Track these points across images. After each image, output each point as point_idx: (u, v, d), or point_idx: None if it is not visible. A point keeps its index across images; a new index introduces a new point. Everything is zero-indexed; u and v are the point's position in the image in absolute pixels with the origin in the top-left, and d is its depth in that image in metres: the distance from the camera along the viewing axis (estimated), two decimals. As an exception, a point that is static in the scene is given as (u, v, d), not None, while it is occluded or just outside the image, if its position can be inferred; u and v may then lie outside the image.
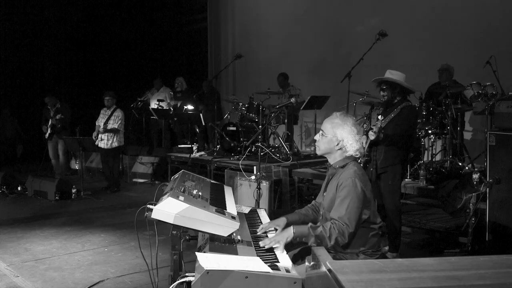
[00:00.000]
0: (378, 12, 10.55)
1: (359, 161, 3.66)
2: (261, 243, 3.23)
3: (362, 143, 3.54)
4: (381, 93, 5.65)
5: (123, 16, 14.78)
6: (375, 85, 5.77)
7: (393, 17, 10.14)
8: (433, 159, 7.65)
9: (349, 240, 3.29)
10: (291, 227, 3.34)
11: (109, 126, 9.79)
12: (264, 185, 7.25)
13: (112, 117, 9.87)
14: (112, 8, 14.59)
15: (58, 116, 10.63)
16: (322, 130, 3.57)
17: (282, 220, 3.57)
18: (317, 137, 3.61)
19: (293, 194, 8.15)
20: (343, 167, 3.49)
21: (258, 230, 3.52)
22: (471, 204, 5.75)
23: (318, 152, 3.65)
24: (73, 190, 9.37)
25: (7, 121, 13.50)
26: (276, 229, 3.49)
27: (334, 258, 2.92)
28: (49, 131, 10.74)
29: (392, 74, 5.58)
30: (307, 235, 3.28)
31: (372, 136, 5.21)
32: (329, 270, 1.80)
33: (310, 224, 3.37)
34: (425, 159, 7.46)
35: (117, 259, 5.95)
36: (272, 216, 3.93)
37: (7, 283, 5.25)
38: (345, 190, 3.33)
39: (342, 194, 3.34)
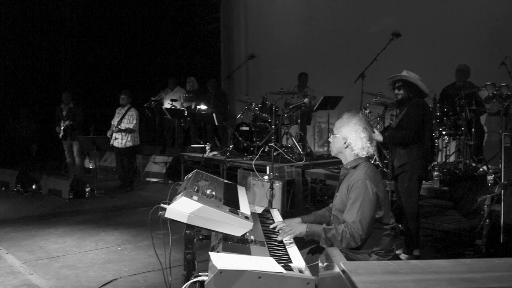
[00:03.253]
0: (392, 12, 10.50)
1: (372, 161, 3.65)
2: (278, 237, 3.28)
3: (370, 141, 3.51)
4: (396, 91, 5.59)
5: (139, 17, 14.85)
6: (389, 83, 5.71)
7: (407, 17, 10.09)
8: (447, 160, 7.60)
9: (360, 243, 3.29)
10: (306, 224, 3.41)
11: (123, 126, 9.83)
12: (277, 185, 7.25)
13: (126, 116, 9.92)
14: (128, 8, 14.66)
15: (67, 122, 10.69)
16: (333, 130, 3.60)
17: (297, 220, 3.60)
18: (330, 138, 3.65)
19: (306, 194, 8.14)
20: (354, 167, 3.50)
21: (271, 226, 3.54)
22: (485, 206, 5.70)
23: (332, 153, 3.70)
24: (87, 189, 9.43)
25: (23, 121, 13.64)
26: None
27: (346, 258, 2.92)
28: (62, 133, 10.80)
29: (409, 74, 5.53)
30: (319, 235, 3.32)
31: (378, 136, 5.16)
32: (343, 271, 1.79)
33: (324, 225, 3.38)
34: (439, 160, 7.41)
35: (130, 258, 5.97)
36: (285, 216, 3.93)
37: (21, 280, 5.29)
38: (355, 192, 3.33)
39: (353, 196, 3.34)
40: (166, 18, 15.05)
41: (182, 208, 2.90)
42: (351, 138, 3.49)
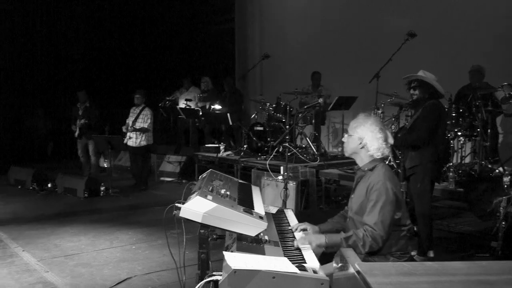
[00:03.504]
0: (407, 12, 10.42)
1: (390, 161, 3.62)
2: (295, 243, 3.25)
3: (385, 142, 3.50)
4: (411, 91, 5.54)
5: (154, 17, 14.91)
6: (404, 83, 5.67)
7: (422, 17, 10.01)
8: (463, 162, 7.55)
9: (382, 245, 3.27)
10: (324, 235, 3.37)
11: (138, 125, 9.88)
12: (291, 185, 7.24)
13: (141, 116, 9.97)
14: (143, 8, 14.74)
15: (82, 121, 10.76)
16: (347, 130, 3.58)
17: (315, 228, 3.58)
18: (344, 139, 3.63)
19: (320, 195, 8.12)
20: (371, 169, 3.47)
21: (290, 227, 3.52)
22: (501, 208, 5.64)
23: (346, 154, 3.67)
24: (102, 188, 9.51)
25: (39, 120, 13.77)
26: (306, 229, 3.50)
27: (362, 260, 2.91)
28: (77, 131, 10.88)
29: (425, 74, 5.49)
30: (340, 244, 3.29)
31: (389, 138, 5.13)
32: (358, 272, 1.79)
33: (342, 233, 3.37)
34: (454, 161, 7.36)
35: (144, 257, 6.01)
36: (299, 216, 3.92)
37: (37, 278, 5.35)
38: (376, 193, 3.32)
39: (374, 198, 3.32)
40: (181, 18, 15.09)
41: (197, 207, 2.91)
42: (367, 139, 3.47)
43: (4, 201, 9.05)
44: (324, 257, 3.33)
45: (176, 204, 2.99)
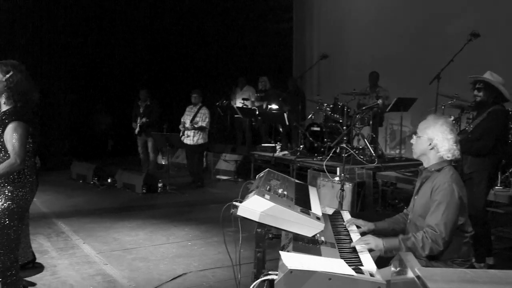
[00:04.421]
0: (470, 11, 10.07)
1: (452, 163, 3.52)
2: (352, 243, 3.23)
3: (456, 143, 3.41)
4: (475, 92, 5.39)
5: (211, 16, 15.06)
6: (469, 82, 5.52)
7: (486, 17, 9.65)
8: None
9: (444, 247, 3.19)
10: (381, 240, 3.29)
11: (197, 124, 10.00)
12: (347, 187, 7.18)
13: (199, 114, 10.10)
14: (201, 8, 14.91)
15: (143, 119, 10.99)
16: (416, 132, 3.52)
17: (370, 224, 3.54)
18: (412, 140, 3.56)
19: (376, 197, 8.00)
20: (438, 170, 3.40)
21: (344, 223, 3.49)
22: None
23: (414, 156, 3.59)
24: (159, 184, 9.69)
25: (100, 117, 14.17)
26: (358, 227, 3.45)
27: (422, 265, 2.85)
28: (138, 129, 11.12)
29: (492, 76, 5.31)
30: (398, 247, 3.23)
31: None
32: (418, 277, 1.76)
33: (400, 236, 3.30)
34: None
35: (200, 253, 6.08)
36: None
37: (96, 269, 5.51)
38: (441, 194, 3.24)
39: (438, 198, 3.25)
40: (239, 17, 15.17)
41: (254, 206, 2.93)
42: (437, 140, 3.39)
43: (67, 194, 9.36)
44: (381, 261, 3.29)
45: (234, 203, 3.01)
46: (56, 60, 12.85)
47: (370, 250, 3.23)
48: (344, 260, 2.83)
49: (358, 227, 3.59)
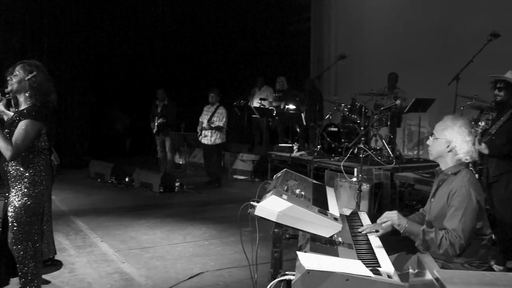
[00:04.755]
0: (491, 11, 9.93)
1: (470, 166, 3.47)
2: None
3: (474, 146, 3.37)
4: (495, 92, 5.34)
5: (230, 16, 15.10)
6: (490, 81, 5.46)
7: (507, 16, 9.53)
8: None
9: (459, 253, 3.17)
10: (406, 220, 3.34)
11: (214, 124, 10.03)
12: (365, 187, 7.15)
13: (216, 114, 10.13)
14: (219, 8, 14.95)
15: (161, 120, 11.05)
16: (433, 133, 3.47)
17: (394, 212, 3.47)
18: (429, 141, 3.50)
19: (394, 198, 7.95)
20: (455, 174, 3.36)
21: (360, 230, 3.48)
22: None
23: (431, 157, 3.54)
24: (177, 184, 9.72)
25: (118, 117, 14.28)
26: (377, 231, 3.43)
27: (440, 267, 2.83)
28: (155, 129, 11.19)
29: None
30: (417, 235, 3.25)
31: (484, 150, 4.95)
32: (437, 279, 1.74)
33: (424, 226, 3.30)
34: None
35: (216, 253, 6.10)
36: (373, 219, 3.86)
37: (114, 268, 5.55)
38: (458, 199, 3.20)
39: (456, 204, 3.21)
40: (258, 18, 15.17)
41: (272, 206, 2.93)
42: (456, 142, 3.34)
43: (85, 193, 9.44)
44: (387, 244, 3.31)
45: (251, 203, 3.01)
46: (75, 62, 12.95)
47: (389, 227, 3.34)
48: (362, 261, 2.81)
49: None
